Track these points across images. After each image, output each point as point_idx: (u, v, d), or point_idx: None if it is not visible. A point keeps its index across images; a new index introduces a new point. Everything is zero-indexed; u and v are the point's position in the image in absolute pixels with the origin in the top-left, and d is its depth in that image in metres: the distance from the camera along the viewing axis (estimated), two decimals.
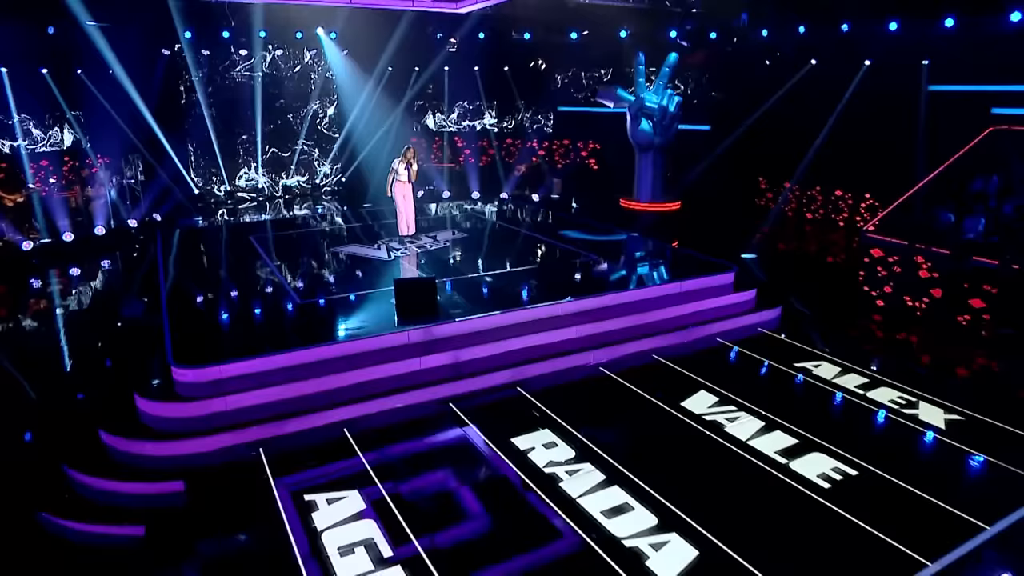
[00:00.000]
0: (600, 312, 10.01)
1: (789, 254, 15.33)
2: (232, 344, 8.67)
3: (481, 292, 10.57)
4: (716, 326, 10.32)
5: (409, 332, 8.86)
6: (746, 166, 19.02)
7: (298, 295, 10.43)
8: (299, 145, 20.02)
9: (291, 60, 19.59)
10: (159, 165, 18.45)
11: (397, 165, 13.34)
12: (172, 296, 10.56)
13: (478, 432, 7.59)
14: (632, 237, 14.53)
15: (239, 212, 18.55)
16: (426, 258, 12.63)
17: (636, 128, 17.53)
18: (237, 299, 10.44)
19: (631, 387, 8.60)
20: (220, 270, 12.31)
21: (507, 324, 9.42)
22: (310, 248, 13.59)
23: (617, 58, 20.19)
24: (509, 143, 22.14)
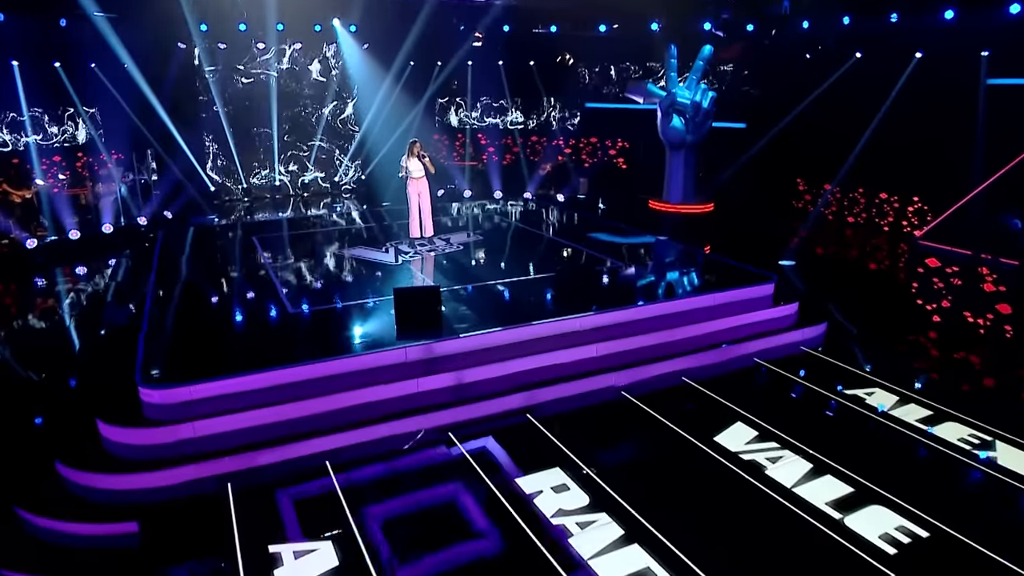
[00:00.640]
0: (624, 327, 8.82)
1: (831, 261, 13.96)
2: (209, 360, 7.64)
3: (492, 303, 9.43)
4: (753, 344, 9.07)
5: (407, 349, 7.76)
6: (783, 166, 17.65)
7: (290, 304, 9.38)
8: (317, 142, 19.05)
9: (309, 54, 18.61)
10: (173, 162, 17.59)
11: (406, 162, 12.31)
12: (156, 305, 9.57)
13: (478, 468, 6.47)
14: (661, 241, 13.30)
15: (255, 210, 17.64)
16: (436, 263, 11.55)
17: (667, 125, 16.26)
18: (222, 309, 9.44)
19: (656, 416, 7.41)
20: (213, 275, 11.29)
21: (519, 340, 8.28)
22: (314, 250, 12.58)
23: (648, 52, 18.92)
24: (534, 141, 20.95)
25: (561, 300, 9.34)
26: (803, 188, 17.85)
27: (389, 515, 5.82)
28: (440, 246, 12.39)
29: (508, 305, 9.36)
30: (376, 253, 11.93)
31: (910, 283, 10.83)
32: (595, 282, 10.42)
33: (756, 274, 10.51)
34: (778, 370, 8.59)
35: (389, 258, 11.58)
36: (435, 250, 12.17)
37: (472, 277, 10.59)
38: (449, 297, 9.43)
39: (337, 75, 18.85)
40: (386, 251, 11.99)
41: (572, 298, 9.28)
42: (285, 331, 8.56)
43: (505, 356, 7.96)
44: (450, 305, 9.09)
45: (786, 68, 17.29)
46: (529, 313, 8.78)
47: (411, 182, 12.33)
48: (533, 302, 9.37)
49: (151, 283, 10.50)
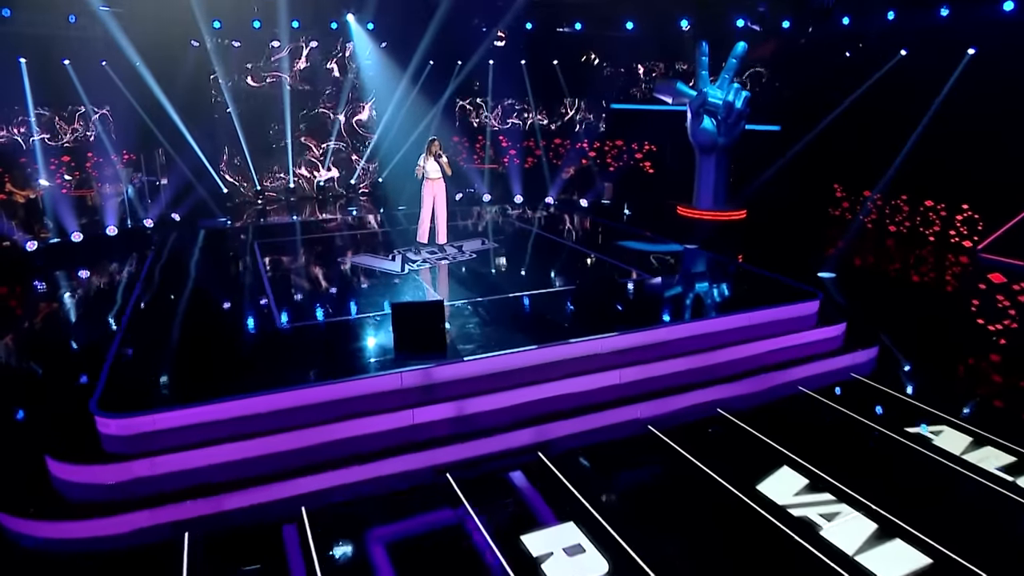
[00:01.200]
0: (651, 350, 7.70)
1: (875, 274, 12.69)
2: (178, 385, 6.66)
3: (504, 321, 8.35)
4: (797, 371, 7.89)
5: (403, 374, 6.72)
6: (819, 171, 16.37)
7: (277, 319, 8.39)
8: (332, 143, 18.12)
9: (325, 53, 17.69)
10: (184, 163, 16.75)
11: (423, 162, 11.33)
12: (132, 319, 8.61)
13: (478, 521, 5.39)
14: (691, 251, 12.15)
15: (267, 213, 16.74)
16: (446, 273, 10.52)
17: (697, 126, 15.08)
18: (203, 325, 8.48)
19: (688, 456, 6.28)
20: (202, 285, 10.34)
21: (531, 365, 7.20)
22: (316, 257, 11.62)
23: (677, 51, 17.73)
24: (557, 143, 19.83)
25: (581, 318, 8.25)
26: (841, 195, 16.55)
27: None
28: (451, 254, 11.36)
29: (521, 323, 8.28)
30: (382, 261, 10.92)
31: (969, 300, 9.58)
32: (619, 297, 9.33)
33: (798, 290, 9.34)
34: (827, 401, 7.42)
35: (395, 267, 10.56)
36: (446, 259, 11.13)
37: (483, 290, 9.52)
38: (455, 313, 8.38)
39: (353, 75, 17.91)
40: (392, 259, 10.97)
41: (593, 316, 8.19)
42: (267, 351, 7.55)
43: (515, 383, 6.89)
44: (456, 322, 8.03)
45: (824, 67, 16.02)
46: (544, 333, 7.69)
47: (427, 184, 11.35)
48: (549, 320, 8.29)
49: (135, 293, 9.57)
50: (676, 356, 7.60)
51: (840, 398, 7.49)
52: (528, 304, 8.92)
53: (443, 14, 16.43)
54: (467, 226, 14.34)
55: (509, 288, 9.58)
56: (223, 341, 7.82)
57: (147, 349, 7.60)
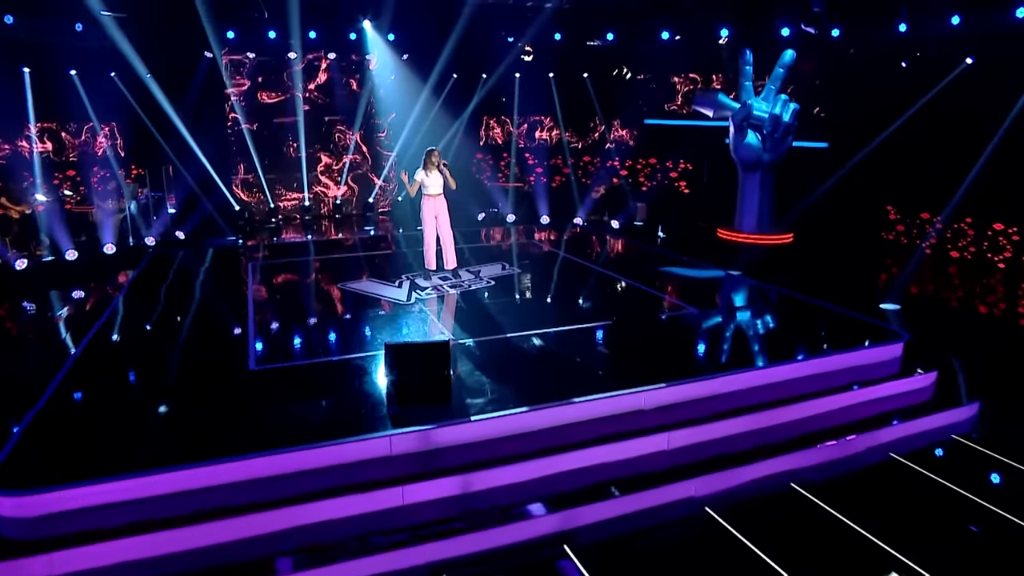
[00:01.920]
0: (704, 405, 6.06)
1: (944, 306, 10.89)
2: (110, 449, 5.16)
3: (523, 367, 6.78)
4: (885, 432, 6.19)
5: (392, 437, 5.16)
6: (871, 192, 14.62)
7: (253, 359, 6.90)
8: (349, 160, 16.77)
9: (343, 66, 16.39)
10: (194, 179, 15.51)
11: (420, 176, 9.85)
12: (80, 359, 7.16)
13: None
14: (738, 279, 10.52)
15: (280, 232, 15.39)
16: (458, 304, 8.98)
17: (741, 142, 13.45)
18: (156, 365, 6.99)
19: (758, 552, 4.64)
20: (177, 314, 8.93)
21: (557, 425, 5.61)
22: (315, 281, 10.17)
23: (715, 61, 16.13)
24: (586, 161, 18.27)
25: (619, 363, 6.65)
26: (895, 217, 14.75)
27: None
28: (467, 281, 9.82)
29: (546, 370, 6.69)
30: (387, 288, 9.41)
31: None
32: (664, 337, 7.71)
33: (876, 327, 7.64)
34: (928, 474, 5.71)
35: (401, 295, 9.04)
36: (460, 286, 9.59)
37: (500, 326, 7.94)
38: (465, 356, 6.82)
39: (373, 88, 16.57)
40: (399, 286, 9.46)
41: (633, 360, 6.59)
42: (224, 402, 6.05)
43: (536, 449, 5.29)
44: (465, 368, 6.47)
45: (876, 79, 14.33)
46: (574, 383, 6.10)
47: (426, 200, 9.85)
48: (580, 366, 6.69)
49: (95, 326, 8.12)
50: (736, 413, 5.95)
51: (942, 467, 5.78)
52: (554, 345, 7.33)
53: (467, 25, 15.09)
54: (487, 248, 12.82)
55: (532, 323, 8.00)
56: (175, 389, 6.32)
57: (80, 401, 6.12)
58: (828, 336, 7.58)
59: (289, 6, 14.13)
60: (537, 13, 15.17)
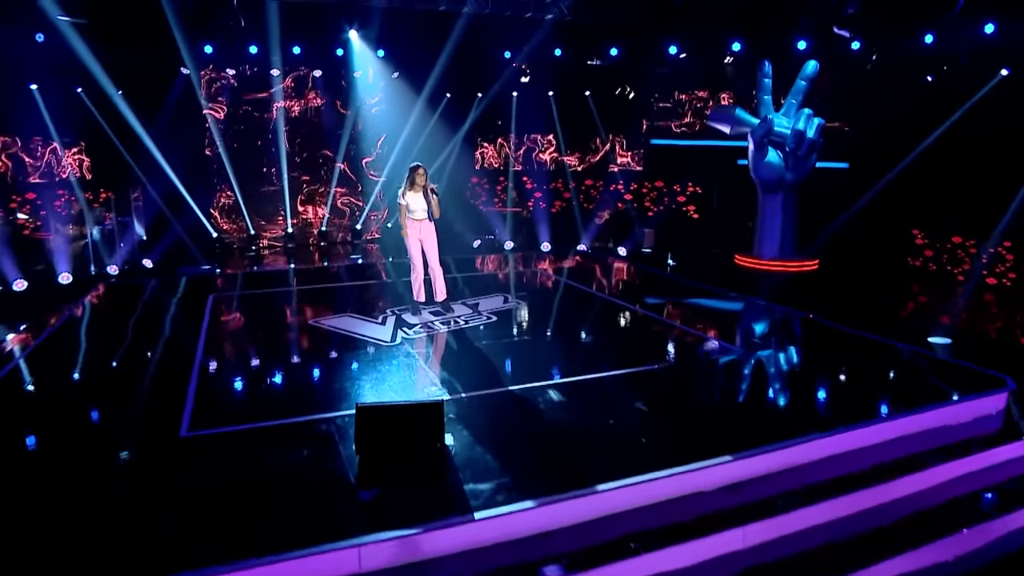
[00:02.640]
0: (779, 481, 4.49)
1: (1002, 341, 9.37)
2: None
3: (538, 435, 5.19)
4: (1005, 522, 4.62)
5: (363, 548, 3.56)
6: (895, 215, 13.18)
7: (191, 419, 5.29)
8: (335, 183, 15.26)
9: (330, 84, 14.97)
10: (167, 204, 13.96)
11: (403, 198, 8.32)
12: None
13: None
14: (776, 310, 9.02)
15: (261, 260, 13.82)
16: (451, 346, 7.39)
17: (761, 160, 12.04)
18: (59, 432, 5.34)
19: None
20: (104, 357, 7.25)
21: (588, 520, 4.02)
22: (284, 317, 8.59)
23: (728, 77, 14.78)
24: (588, 184, 16.77)
25: (663, 426, 5.09)
26: (922, 242, 13.30)
27: None
28: (462, 316, 8.24)
29: (569, 437, 5.09)
30: (368, 326, 7.81)
31: None
32: (710, 387, 6.15)
33: (969, 373, 6.11)
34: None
35: (383, 334, 7.42)
36: (454, 322, 8.00)
37: (506, 375, 6.36)
38: (462, 419, 5.21)
39: (360, 108, 15.13)
40: (382, 323, 7.85)
41: (682, 422, 5.02)
42: (138, 490, 4.42)
43: (560, 556, 3.70)
44: (461, 438, 4.85)
45: (900, 94, 13.00)
46: (606, 456, 4.52)
47: (410, 224, 8.31)
48: (613, 431, 5.11)
49: None
50: (824, 497, 4.37)
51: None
52: (578, 400, 5.74)
53: (461, 39, 13.72)
54: (485, 278, 11.28)
55: (545, 371, 6.42)
56: (74, 469, 4.69)
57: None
58: (910, 383, 6.05)
59: (268, 16, 12.72)
60: (536, 26, 13.81)
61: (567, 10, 13.48)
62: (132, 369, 6.69)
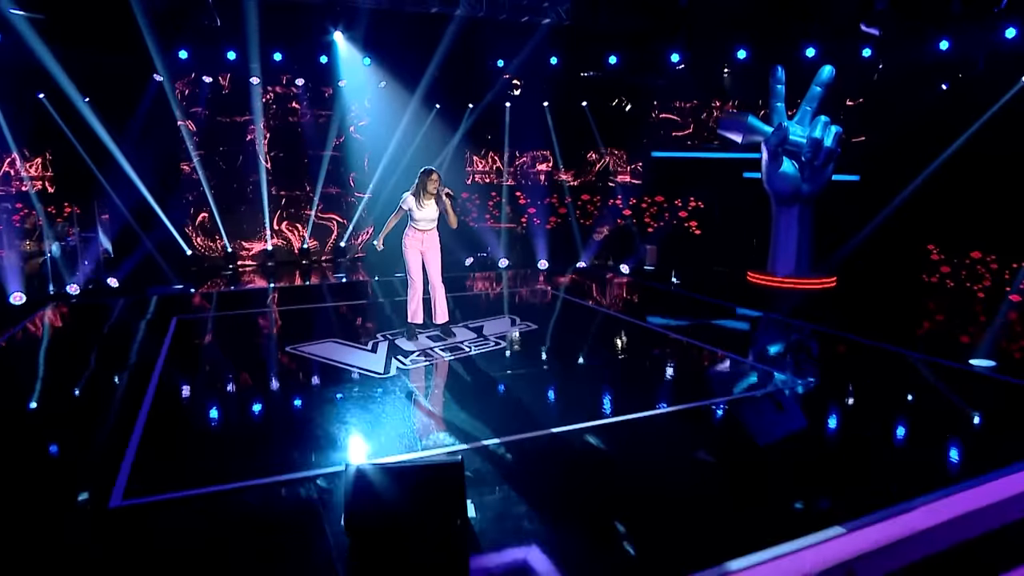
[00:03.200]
0: (898, 554, 3.38)
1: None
2: None
3: (580, 493, 4.05)
4: None
5: None
6: (909, 229, 12.28)
7: (126, 482, 4.08)
8: (318, 198, 14.10)
9: (312, 92, 13.86)
10: (136, 219, 12.73)
11: (408, 202, 7.20)
12: None
13: None
14: (818, 332, 7.99)
15: (238, 279, 12.58)
16: (458, 379, 6.18)
17: (775, 171, 11.08)
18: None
19: None
20: (29, 400, 5.94)
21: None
22: (258, 344, 7.39)
23: (737, 86, 13.86)
24: (585, 200, 15.71)
25: (739, 488, 3.97)
26: (937, 257, 12.39)
27: None
28: (466, 342, 7.08)
29: (620, 505, 3.96)
30: (356, 353, 6.63)
31: None
32: (788, 430, 5.05)
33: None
34: None
35: (375, 363, 6.24)
36: (456, 350, 6.85)
37: (529, 415, 5.20)
38: (482, 482, 4.05)
39: (345, 118, 14.04)
40: (373, 349, 6.67)
41: (757, 478, 3.92)
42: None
43: None
44: (486, 506, 3.68)
45: (912, 103, 12.16)
46: (673, 529, 3.40)
47: (412, 235, 7.19)
48: (676, 492, 3.98)
49: None
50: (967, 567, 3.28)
51: None
52: (626, 448, 4.61)
53: (451, 46, 12.71)
54: (483, 298, 10.15)
55: (575, 408, 5.28)
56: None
57: None
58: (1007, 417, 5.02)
59: (247, 17, 11.61)
60: (532, 32, 12.82)
61: (565, 14, 12.54)
62: (60, 412, 5.41)
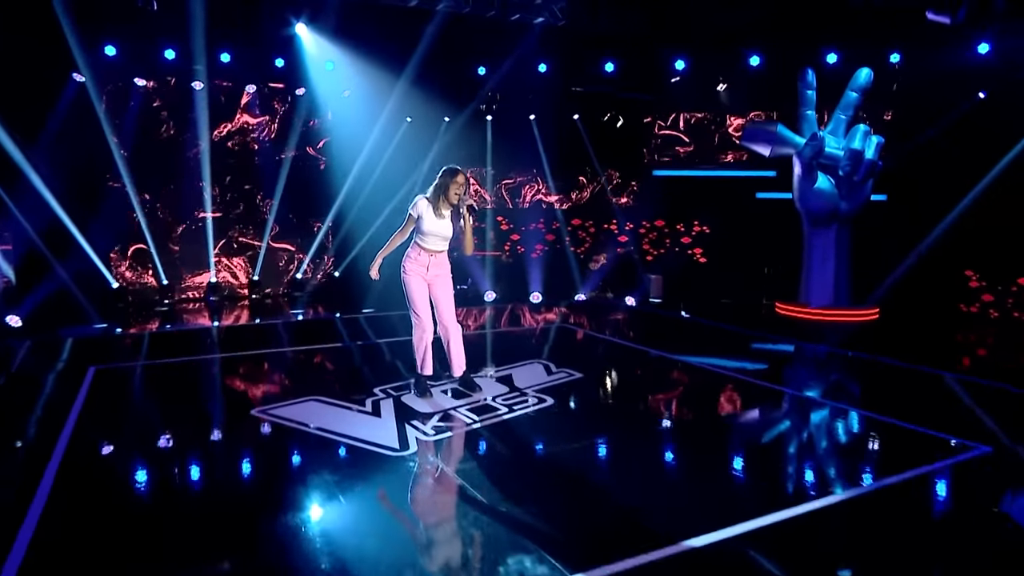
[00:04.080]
0: None
1: None
2: None
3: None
4: None
5: None
6: (944, 254, 11.26)
7: None
8: (271, 222, 12.34)
9: (266, 101, 12.18)
10: (47, 245, 10.69)
11: (420, 208, 5.52)
12: None
13: None
14: (918, 373, 6.64)
15: (176, 317, 10.64)
16: (514, 458, 4.39)
17: (809, 187, 9.85)
18: None
19: None
20: None
21: None
22: (211, 404, 5.58)
23: (754, 96, 12.75)
24: (577, 224, 14.19)
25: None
26: (977, 284, 11.38)
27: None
28: (498, 398, 5.40)
29: None
30: (351, 417, 4.82)
31: None
32: None
33: None
34: None
35: (383, 433, 4.46)
36: (489, 411, 5.15)
37: (642, 519, 3.54)
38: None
39: (304, 131, 12.39)
40: (374, 411, 4.92)
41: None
42: None
43: None
44: None
45: (944, 114, 11.25)
46: None
47: (417, 258, 5.50)
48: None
49: None
50: None
51: None
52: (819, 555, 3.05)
53: (430, 48, 11.27)
54: (499, 340, 8.51)
55: (710, 504, 3.67)
56: None
57: None
58: None
59: (192, 6, 9.92)
60: (522, 33, 11.47)
61: (560, 13, 11.25)
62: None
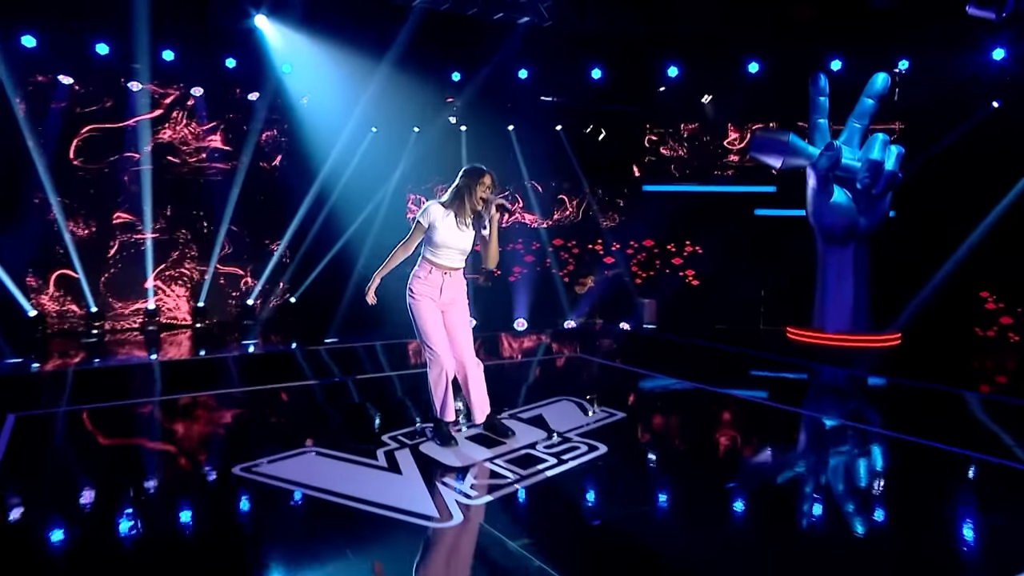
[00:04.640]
0: None
1: None
2: None
3: None
4: None
5: None
6: (960, 275, 10.80)
7: None
8: (220, 242, 11.11)
9: (215, 108, 11.02)
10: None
11: (432, 215, 4.54)
12: None
13: None
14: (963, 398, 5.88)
15: (107, 350, 9.25)
16: (575, 526, 3.35)
17: (825, 201, 9.18)
18: None
19: None
20: None
21: None
22: (168, 460, 4.37)
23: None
24: (559, 244, 13.24)
25: None
26: (994, 307, 10.91)
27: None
28: (537, 444, 4.34)
29: None
30: (365, 474, 3.63)
31: None
32: None
33: None
34: None
35: (413, 496, 3.30)
36: (534, 461, 4.08)
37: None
38: None
39: (257, 141, 11.25)
40: (391, 466, 3.76)
41: None
42: None
43: None
44: None
45: (954, 124, 10.88)
46: None
47: (428, 279, 4.54)
48: None
49: None
50: None
51: None
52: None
53: (406, 48, 10.39)
54: (512, 374, 7.49)
55: None
56: None
57: None
58: None
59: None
60: (504, 33, 10.65)
61: (547, 12, 10.48)
62: None
